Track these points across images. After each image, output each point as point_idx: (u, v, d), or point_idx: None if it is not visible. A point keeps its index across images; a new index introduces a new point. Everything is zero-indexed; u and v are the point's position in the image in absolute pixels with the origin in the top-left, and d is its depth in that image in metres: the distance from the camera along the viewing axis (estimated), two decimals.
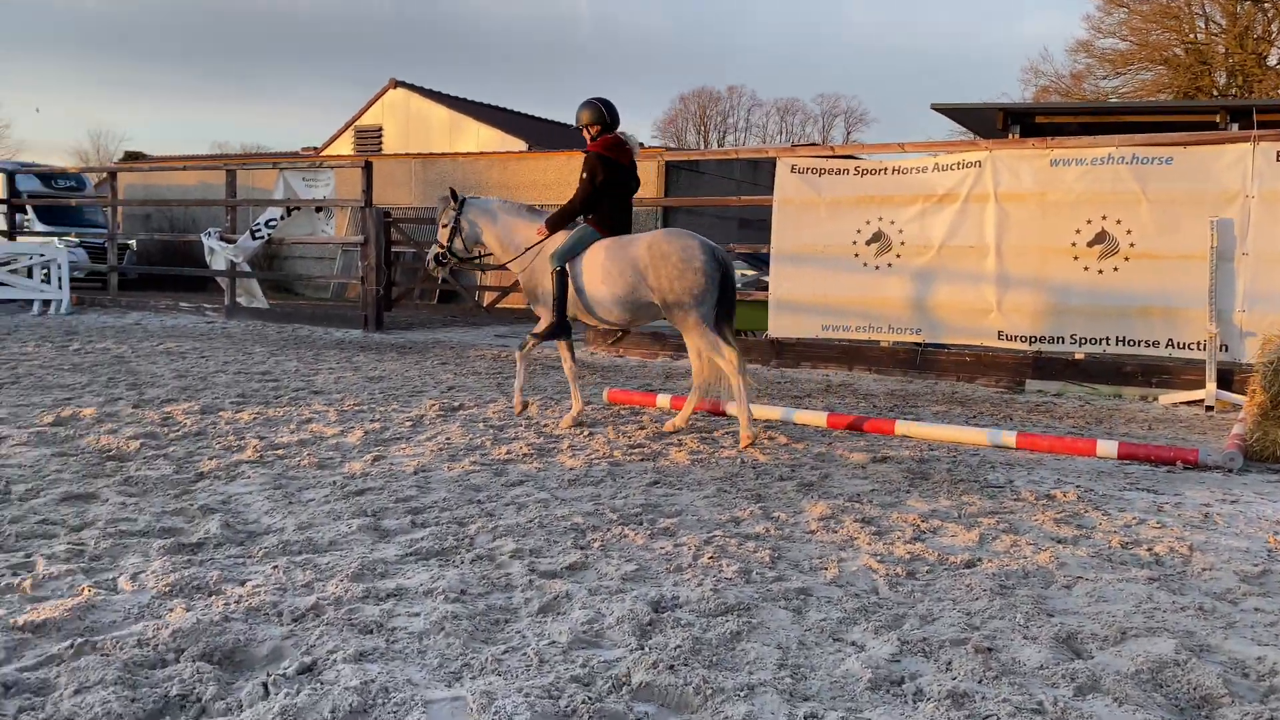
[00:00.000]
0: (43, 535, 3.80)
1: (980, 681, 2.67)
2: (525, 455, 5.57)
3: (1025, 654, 2.86)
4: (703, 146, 63.92)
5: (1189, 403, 8.59)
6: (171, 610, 3.02)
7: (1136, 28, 38.33)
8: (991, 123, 16.89)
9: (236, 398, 7.34)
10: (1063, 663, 2.80)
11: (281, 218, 14.09)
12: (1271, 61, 36.09)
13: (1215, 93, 36.36)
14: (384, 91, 27.83)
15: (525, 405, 6.78)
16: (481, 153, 21.90)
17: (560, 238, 6.51)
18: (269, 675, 2.55)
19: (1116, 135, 9.49)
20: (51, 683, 2.51)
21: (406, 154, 22.52)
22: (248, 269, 14.54)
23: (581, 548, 3.81)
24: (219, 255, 14.35)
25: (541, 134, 28.03)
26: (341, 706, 2.35)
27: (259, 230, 13.99)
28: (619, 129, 6.69)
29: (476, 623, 2.98)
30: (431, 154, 22.41)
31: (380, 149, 27.50)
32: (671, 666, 2.64)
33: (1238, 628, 3.14)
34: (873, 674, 2.68)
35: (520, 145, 25.69)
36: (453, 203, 6.89)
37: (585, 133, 6.74)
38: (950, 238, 9.76)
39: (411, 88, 27.56)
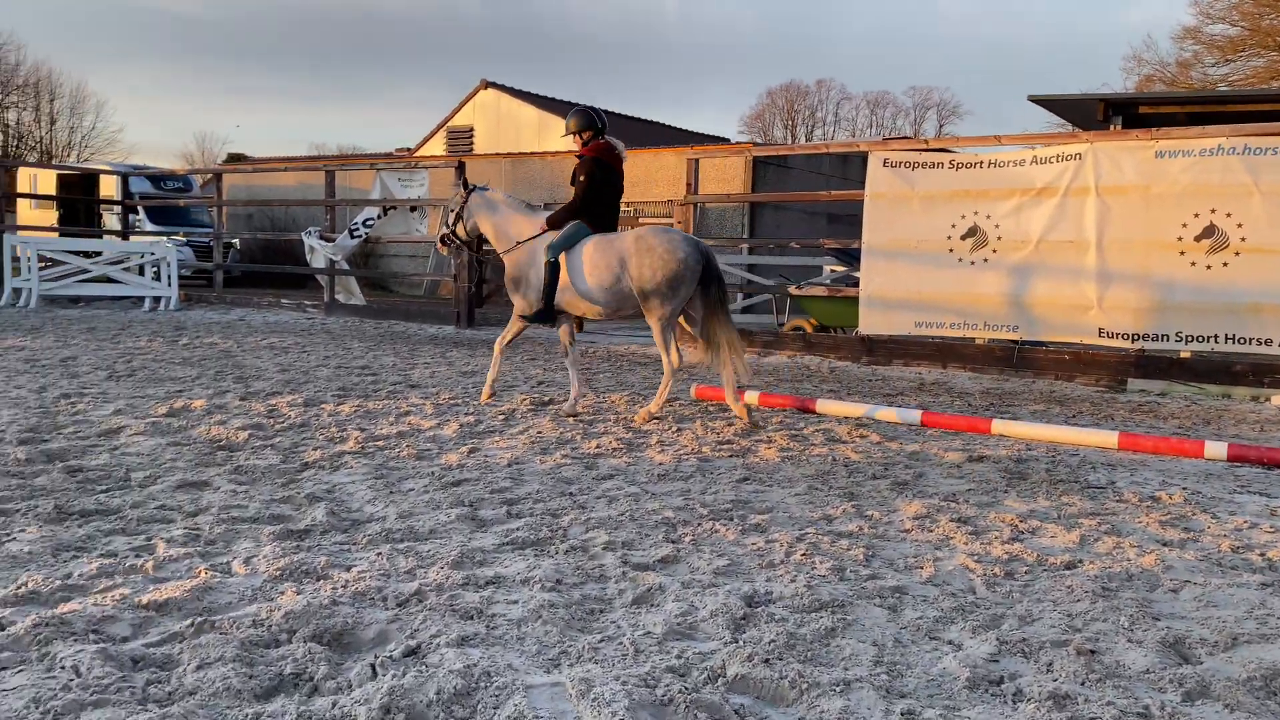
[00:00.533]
0: (161, 520, 4.00)
1: (1083, 684, 2.62)
2: (615, 450, 5.63)
3: (1130, 657, 2.79)
4: (790, 142, 63.41)
5: None
6: (283, 593, 3.15)
7: (1248, 12, 36.65)
8: (1092, 114, 16.34)
9: (337, 391, 7.58)
10: (1170, 667, 2.73)
11: (378, 217, 14.47)
12: None
13: None
14: (475, 92, 28.32)
15: (493, 394, 7.28)
16: (568, 151, 22.09)
17: (554, 233, 6.91)
18: (376, 657, 2.64)
19: (1227, 125, 9.12)
20: (175, 658, 2.65)
21: (497, 154, 22.88)
22: (346, 267, 14.96)
23: (673, 541, 3.84)
24: (319, 254, 14.81)
25: (627, 131, 28.15)
26: (446, 689, 2.43)
27: (356, 229, 14.40)
28: (606, 135, 7.15)
29: (572, 612, 3.04)
30: (521, 154, 22.72)
31: (471, 149, 27.99)
32: (766, 660, 2.66)
33: None
34: (970, 673, 2.65)
35: None
36: (462, 191, 7.47)
37: (577, 139, 7.17)
38: (1049, 232, 9.52)
39: (501, 88, 27.97)
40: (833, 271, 13.25)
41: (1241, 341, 8.66)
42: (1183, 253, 8.89)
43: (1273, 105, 15.93)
